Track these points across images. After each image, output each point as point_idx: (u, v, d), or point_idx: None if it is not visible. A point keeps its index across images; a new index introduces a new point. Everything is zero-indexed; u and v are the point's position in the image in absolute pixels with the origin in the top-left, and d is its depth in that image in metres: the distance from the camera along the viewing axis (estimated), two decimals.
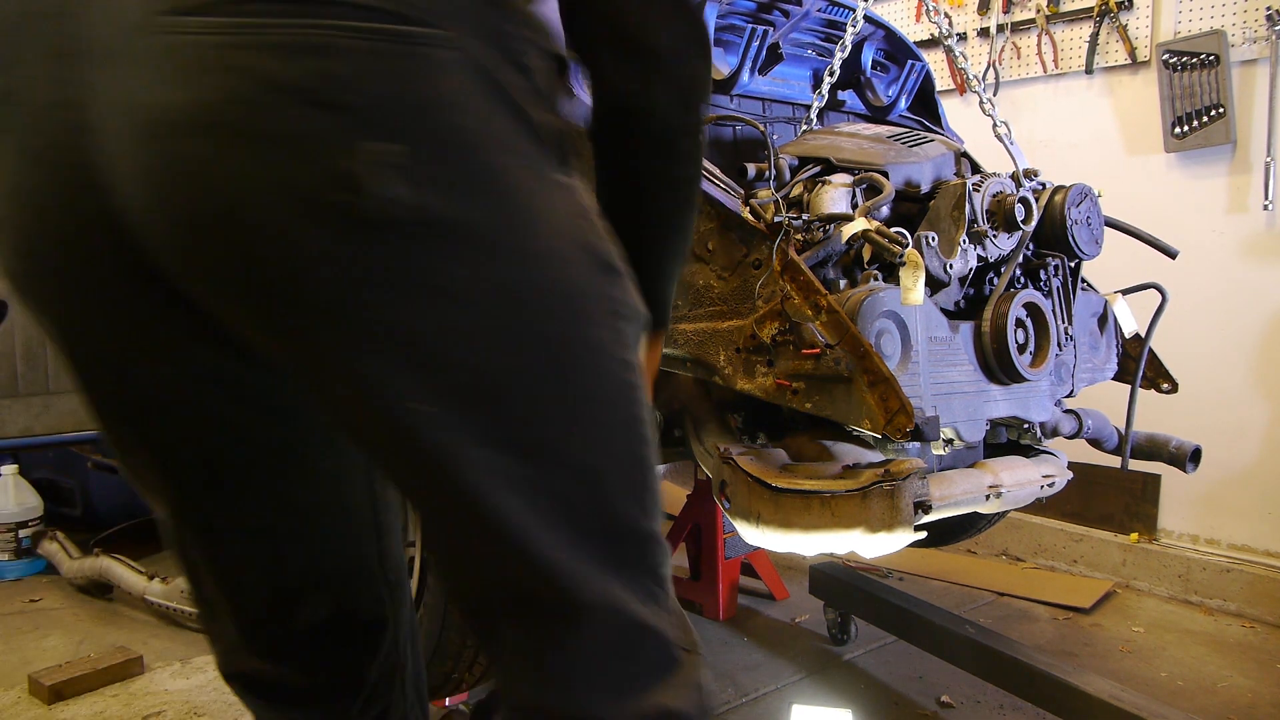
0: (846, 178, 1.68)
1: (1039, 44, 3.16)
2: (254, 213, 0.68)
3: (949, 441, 1.70)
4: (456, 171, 0.71)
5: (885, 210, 1.67)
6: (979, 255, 1.73)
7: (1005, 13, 3.22)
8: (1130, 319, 2.07)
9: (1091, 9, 3.02)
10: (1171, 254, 2.05)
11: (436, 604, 1.77)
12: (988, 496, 1.76)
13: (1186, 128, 2.83)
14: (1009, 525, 3.21)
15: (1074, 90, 3.13)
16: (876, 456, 1.58)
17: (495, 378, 0.73)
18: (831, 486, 1.47)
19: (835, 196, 1.64)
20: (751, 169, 1.76)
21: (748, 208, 1.59)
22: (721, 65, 1.97)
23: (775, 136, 2.00)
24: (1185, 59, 2.81)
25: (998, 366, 1.71)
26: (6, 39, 0.75)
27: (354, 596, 0.99)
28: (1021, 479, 1.83)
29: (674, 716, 0.79)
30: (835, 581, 2.48)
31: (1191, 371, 2.48)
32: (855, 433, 1.54)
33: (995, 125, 2.02)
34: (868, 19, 2.10)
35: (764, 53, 1.96)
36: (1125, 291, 2.09)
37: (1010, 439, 1.95)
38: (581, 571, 0.77)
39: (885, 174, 1.69)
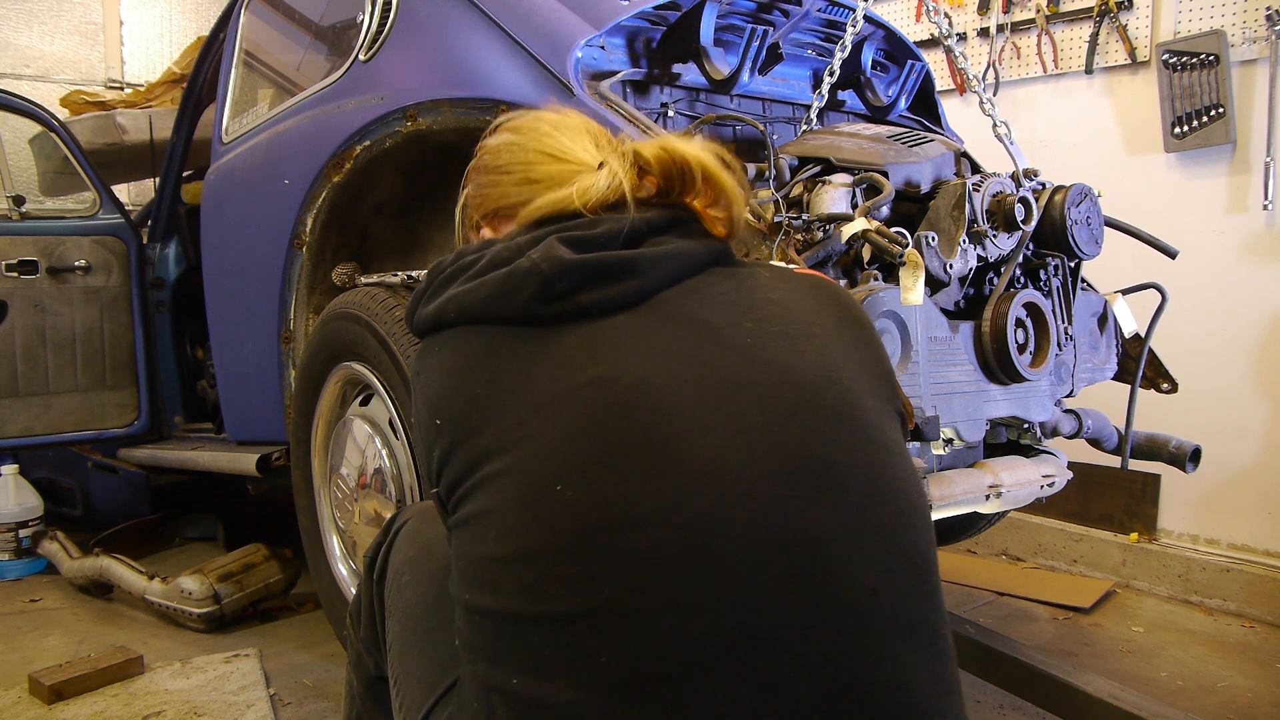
0: (846, 178, 1.68)
1: (1039, 44, 3.16)
2: None
3: (949, 441, 1.70)
4: None
5: (885, 210, 1.66)
6: (979, 255, 1.73)
7: (1005, 13, 3.22)
8: (1130, 319, 2.07)
9: (1091, 9, 3.02)
10: (1171, 254, 2.05)
11: None
12: (988, 496, 1.76)
13: (1186, 128, 2.83)
14: (1009, 525, 3.21)
15: (1074, 90, 3.13)
16: None
17: None
18: None
19: (835, 196, 1.64)
20: (751, 169, 1.76)
21: (748, 208, 1.59)
22: (721, 65, 1.97)
23: (775, 136, 2.00)
24: (1185, 59, 2.81)
25: (998, 366, 1.71)
26: None
27: None
28: (1021, 479, 1.84)
29: None
30: None
31: (1191, 371, 2.48)
32: None
33: (995, 125, 2.02)
34: (868, 19, 2.11)
35: (764, 53, 1.96)
36: (1125, 291, 2.09)
37: (1010, 439, 1.95)
38: None
39: (885, 174, 1.69)
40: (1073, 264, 1.90)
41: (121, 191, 4.36)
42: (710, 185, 0.97)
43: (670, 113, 1.98)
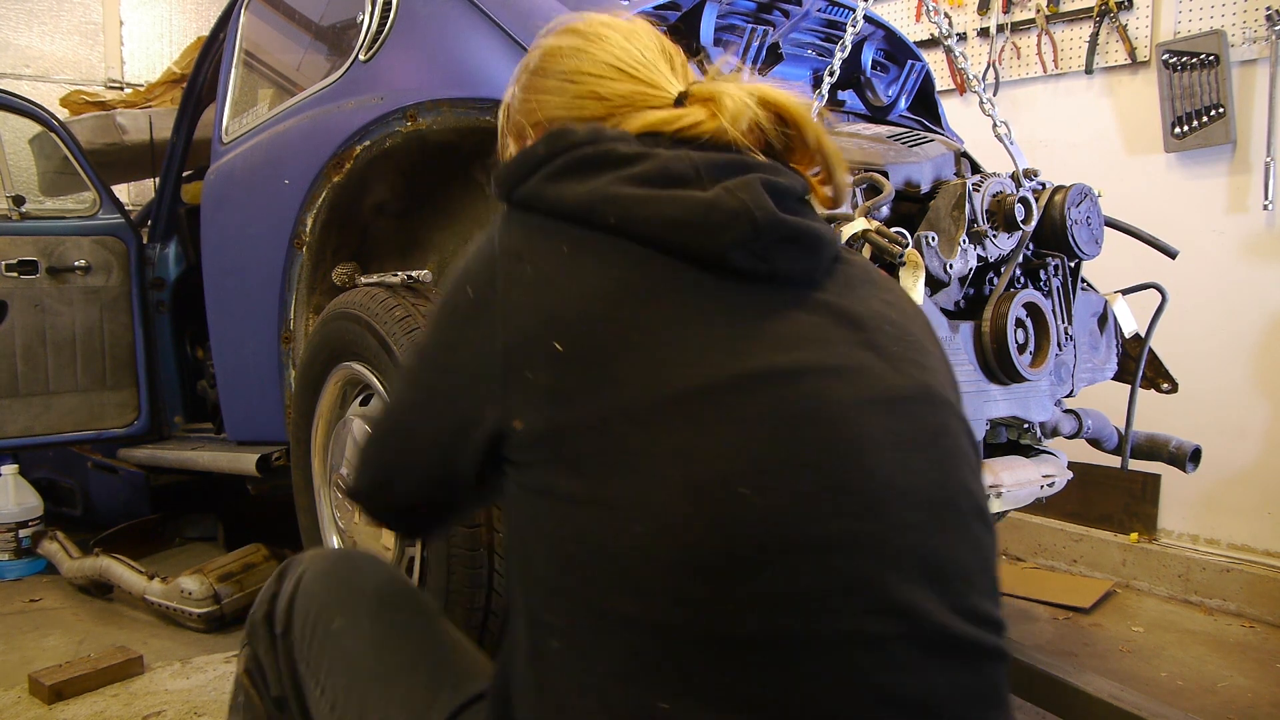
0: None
1: (1039, 44, 3.16)
2: None
3: None
4: None
5: (885, 210, 1.67)
6: (979, 255, 1.73)
7: (1005, 13, 3.22)
8: (1130, 319, 2.07)
9: (1091, 9, 3.01)
10: (1171, 254, 2.05)
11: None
12: (987, 496, 1.76)
13: (1186, 128, 2.83)
14: (1009, 525, 3.21)
15: (1074, 90, 3.13)
16: None
17: None
18: None
19: None
20: None
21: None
22: (722, 65, 1.96)
23: None
24: (1185, 59, 2.81)
25: (998, 366, 1.71)
26: None
27: None
28: (1021, 479, 1.83)
29: None
30: None
31: (1191, 371, 2.48)
32: None
33: (995, 125, 2.02)
34: (868, 19, 2.10)
35: (764, 53, 1.96)
36: (1125, 291, 2.09)
37: (1010, 439, 1.95)
38: None
39: (885, 174, 1.69)
40: (1073, 264, 1.90)
41: (121, 191, 4.36)
42: (814, 145, 0.87)
43: None
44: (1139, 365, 2.05)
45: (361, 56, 2.20)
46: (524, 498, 0.76)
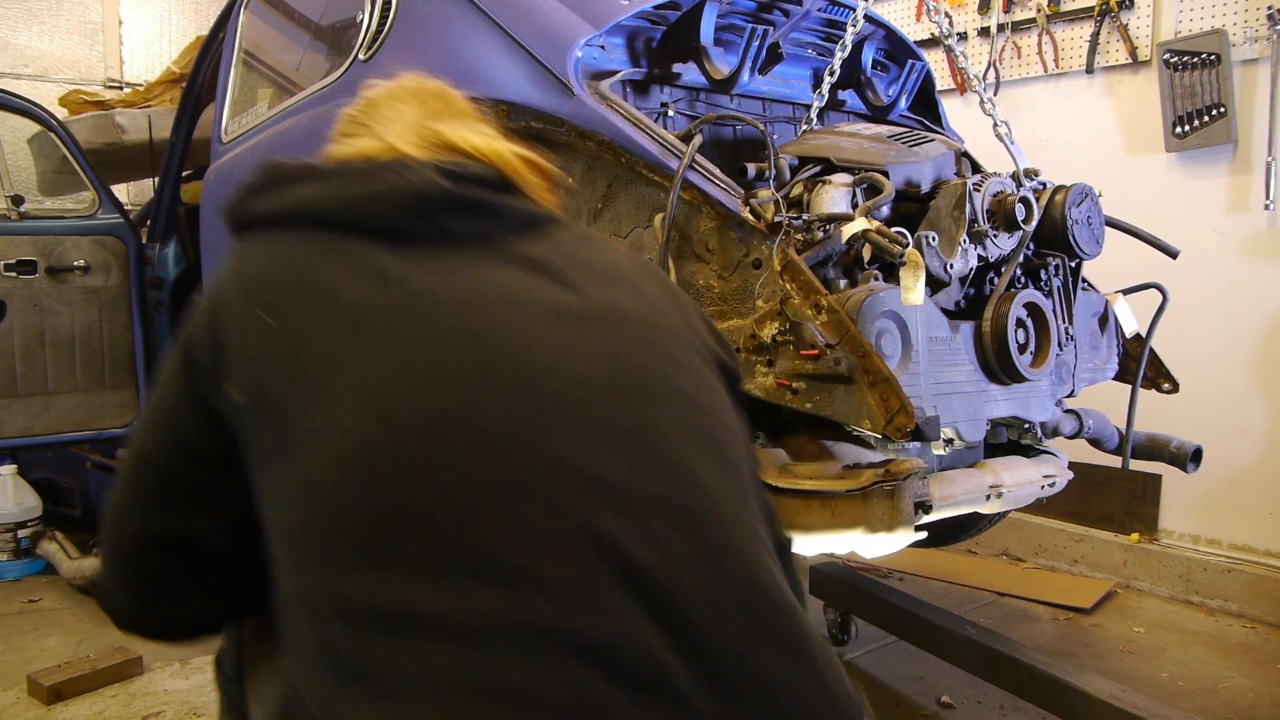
0: (847, 177, 1.67)
1: (1039, 43, 3.15)
2: None
3: (949, 441, 1.70)
4: None
5: (885, 210, 1.66)
6: (979, 255, 1.73)
7: (1006, 12, 3.22)
8: (1131, 319, 2.07)
9: (1092, 8, 3.01)
10: (1172, 254, 2.05)
11: None
12: (988, 496, 1.76)
13: (1187, 127, 2.83)
14: (1009, 525, 3.21)
15: (1074, 90, 3.13)
16: (877, 456, 1.58)
17: None
18: (832, 486, 1.47)
19: (835, 196, 1.64)
20: (751, 169, 1.76)
21: (748, 207, 1.59)
22: (722, 65, 1.96)
23: (775, 136, 1.99)
24: (1186, 58, 2.81)
25: (998, 366, 1.71)
26: None
27: None
28: (1022, 479, 1.83)
29: None
30: (835, 581, 2.48)
31: (1192, 371, 2.48)
32: (855, 432, 1.54)
33: (995, 125, 2.01)
34: (868, 19, 2.10)
35: (764, 52, 1.96)
36: (1126, 291, 2.09)
37: (1011, 439, 1.95)
38: None
39: (885, 174, 1.69)
40: (1073, 264, 1.90)
41: (121, 191, 4.35)
42: (500, 167, 1.01)
43: (670, 112, 1.98)
44: (1140, 365, 2.05)
45: (361, 56, 2.19)
46: (260, 484, 0.84)
